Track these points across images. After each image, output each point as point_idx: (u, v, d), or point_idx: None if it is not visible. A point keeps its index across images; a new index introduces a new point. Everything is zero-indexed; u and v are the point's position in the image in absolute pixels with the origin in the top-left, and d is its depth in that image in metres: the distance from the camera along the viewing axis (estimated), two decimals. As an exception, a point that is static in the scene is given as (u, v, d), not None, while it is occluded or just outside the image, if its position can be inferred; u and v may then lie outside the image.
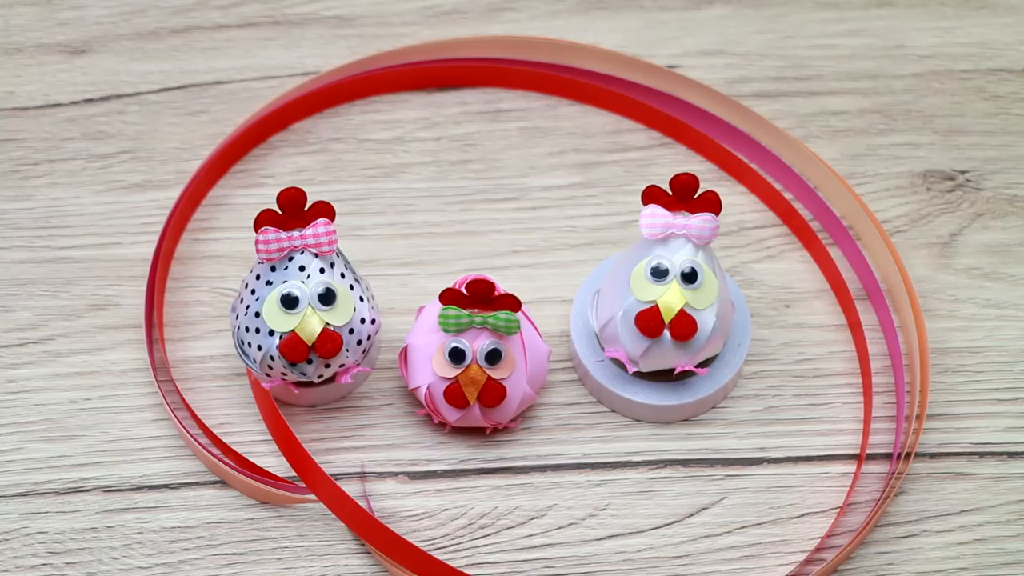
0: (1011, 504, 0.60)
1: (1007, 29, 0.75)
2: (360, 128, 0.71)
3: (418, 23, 0.75)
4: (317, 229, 0.58)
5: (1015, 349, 0.64)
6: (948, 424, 0.62)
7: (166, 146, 0.70)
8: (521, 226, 0.68)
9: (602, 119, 0.72)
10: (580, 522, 0.59)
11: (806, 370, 0.64)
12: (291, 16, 0.75)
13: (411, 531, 0.59)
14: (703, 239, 0.59)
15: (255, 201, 0.68)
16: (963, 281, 0.66)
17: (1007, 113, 0.72)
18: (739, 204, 0.69)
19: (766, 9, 0.76)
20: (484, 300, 0.58)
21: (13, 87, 0.72)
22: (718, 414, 0.62)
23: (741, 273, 0.66)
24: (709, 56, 0.74)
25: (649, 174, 0.69)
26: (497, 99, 0.72)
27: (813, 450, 0.61)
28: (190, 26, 0.75)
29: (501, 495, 0.60)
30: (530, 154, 0.70)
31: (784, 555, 0.59)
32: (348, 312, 0.58)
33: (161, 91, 0.72)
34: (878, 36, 0.75)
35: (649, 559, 0.59)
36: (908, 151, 0.71)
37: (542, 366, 0.60)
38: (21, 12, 0.75)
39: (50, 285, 0.65)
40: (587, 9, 0.76)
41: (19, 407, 0.62)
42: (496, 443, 0.61)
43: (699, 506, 0.60)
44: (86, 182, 0.69)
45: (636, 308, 0.59)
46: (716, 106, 0.71)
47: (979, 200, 0.69)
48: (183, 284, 0.66)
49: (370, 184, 0.69)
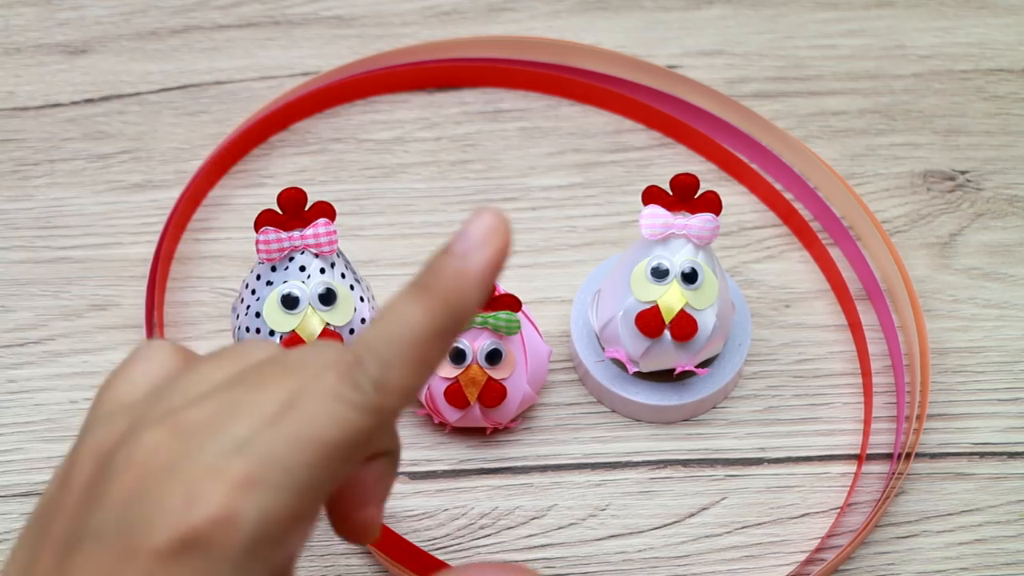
0: (1011, 504, 0.60)
1: (1007, 29, 0.75)
2: (360, 128, 0.71)
3: (418, 23, 0.75)
4: (317, 229, 0.58)
5: (1015, 349, 0.64)
6: (948, 424, 0.62)
7: (166, 146, 0.70)
8: (521, 226, 0.68)
9: (602, 119, 0.72)
10: (580, 522, 0.59)
11: (806, 370, 0.64)
12: (291, 16, 0.75)
13: (411, 531, 0.59)
14: (703, 239, 0.59)
15: (255, 201, 0.68)
16: (963, 281, 0.66)
17: (1007, 113, 0.72)
18: (739, 204, 0.69)
19: (766, 9, 0.76)
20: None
21: (13, 87, 0.72)
22: (718, 414, 0.62)
23: (741, 273, 0.66)
24: (709, 56, 0.74)
25: (649, 174, 0.69)
26: (497, 99, 0.72)
27: (813, 450, 0.61)
28: (190, 26, 0.75)
29: (501, 495, 0.60)
30: (530, 154, 0.70)
31: (784, 555, 0.59)
32: (348, 312, 0.58)
33: (161, 91, 0.72)
34: (878, 36, 0.75)
35: (649, 559, 0.59)
36: (908, 151, 0.71)
37: (542, 366, 0.60)
38: (21, 12, 0.75)
39: (50, 285, 0.65)
40: (587, 9, 0.76)
41: (19, 407, 0.62)
42: (496, 443, 0.61)
43: (699, 506, 0.60)
44: (86, 182, 0.69)
45: (636, 308, 0.59)
46: (716, 106, 0.71)
47: (979, 200, 0.69)
48: (183, 284, 0.66)
49: (370, 184, 0.69)
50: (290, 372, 0.36)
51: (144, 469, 0.34)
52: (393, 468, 0.39)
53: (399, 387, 0.35)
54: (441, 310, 0.35)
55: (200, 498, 0.33)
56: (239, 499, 0.33)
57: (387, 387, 0.35)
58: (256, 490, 0.34)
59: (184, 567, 0.33)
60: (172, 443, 0.34)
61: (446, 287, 0.36)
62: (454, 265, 0.36)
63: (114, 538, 0.34)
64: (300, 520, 0.35)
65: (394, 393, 0.35)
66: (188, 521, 0.33)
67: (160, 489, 0.34)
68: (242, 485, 0.33)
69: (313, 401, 0.35)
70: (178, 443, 0.34)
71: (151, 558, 0.33)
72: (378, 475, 0.38)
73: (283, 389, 0.35)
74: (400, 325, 0.35)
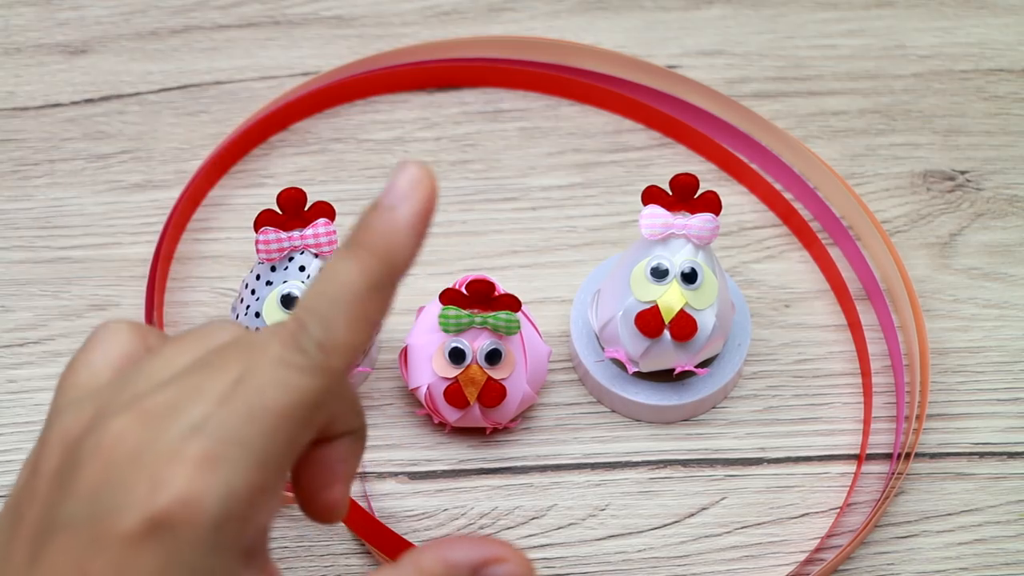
0: (1011, 504, 0.60)
1: (1007, 29, 0.75)
2: (360, 128, 0.71)
3: (418, 23, 0.75)
4: (317, 229, 0.58)
5: (1015, 349, 0.64)
6: (948, 424, 0.62)
7: (166, 146, 0.70)
8: (521, 226, 0.68)
9: (602, 119, 0.72)
10: (580, 522, 0.59)
11: (806, 370, 0.64)
12: (291, 16, 0.75)
13: (411, 531, 0.59)
14: (703, 239, 0.59)
15: (255, 201, 0.68)
16: (963, 281, 0.66)
17: (1007, 113, 0.72)
18: (739, 204, 0.69)
19: (766, 9, 0.76)
20: (484, 300, 0.58)
21: (13, 87, 0.72)
22: (718, 414, 0.62)
23: (741, 273, 0.66)
24: (709, 56, 0.74)
25: (649, 174, 0.69)
26: (497, 99, 0.72)
27: (813, 450, 0.61)
28: (190, 26, 0.75)
29: (501, 495, 0.60)
30: (530, 154, 0.70)
31: (784, 555, 0.59)
32: (348, 312, 0.58)
33: (161, 91, 0.72)
34: (878, 36, 0.75)
35: (649, 559, 0.59)
36: (908, 151, 0.71)
37: (542, 366, 0.60)
38: (21, 12, 0.75)
39: (50, 285, 0.65)
40: (587, 9, 0.76)
41: (19, 407, 0.62)
42: (496, 443, 0.61)
43: (699, 506, 0.60)
44: (86, 182, 0.69)
45: (636, 308, 0.59)
46: (716, 106, 0.71)
47: (979, 200, 0.69)
48: (183, 284, 0.66)
49: (370, 184, 0.69)
50: (244, 351, 0.36)
51: (111, 456, 0.35)
52: (358, 447, 0.39)
53: (343, 345, 0.36)
54: (375, 264, 0.36)
55: (164, 482, 0.34)
56: (201, 479, 0.34)
57: (330, 346, 0.36)
58: (216, 468, 0.34)
59: (154, 550, 0.34)
60: (137, 429, 0.35)
61: (378, 241, 0.36)
62: (383, 218, 0.37)
63: (84, 526, 0.34)
64: (265, 493, 0.35)
65: (338, 351, 0.36)
66: (153, 505, 0.34)
67: (127, 476, 0.34)
68: (202, 465, 0.34)
69: (260, 372, 0.35)
70: (143, 429, 0.35)
71: (121, 543, 0.34)
72: (342, 454, 0.38)
73: (236, 367, 0.35)
74: (337, 284, 0.36)
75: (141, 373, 0.37)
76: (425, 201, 0.37)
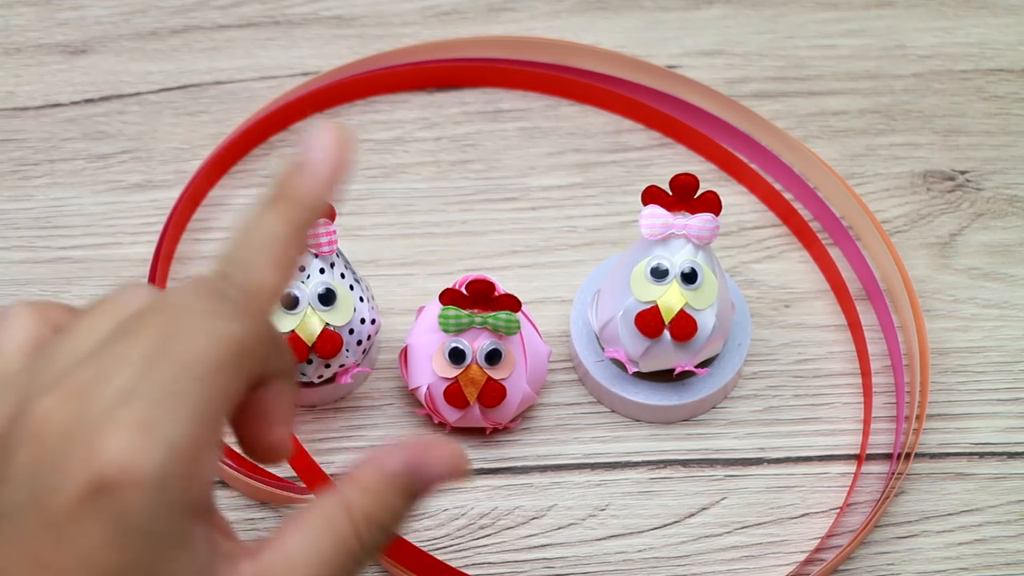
0: (1011, 504, 0.60)
1: (1007, 29, 0.75)
2: (360, 128, 0.71)
3: (418, 23, 0.75)
4: (317, 229, 0.58)
5: (1015, 349, 0.64)
6: (948, 424, 0.62)
7: (166, 146, 0.70)
8: (521, 226, 0.68)
9: (602, 119, 0.72)
10: (580, 522, 0.59)
11: (806, 370, 0.64)
12: (291, 16, 0.75)
13: (411, 531, 0.59)
14: (703, 239, 0.59)
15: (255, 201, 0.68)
16: (963, 281, 0.66)
17: (1007, 113, 0.72)
18: (739, 204, 0.69)
19: (766, 9, 0.76)
20: (484, 300, 0.58)
21: (13, 87, 0.72)
22: (718, 414, 0.62)
23: (741, 273, 0.66)
24: (709, 56, 0.74)
25: (649, 174, 0.69)
26: (497, 99, 0.72)
27: (813, 450, 0.61)
28: (190, 26, 0.75)
29: (501, 495, 0.60)
30: (530, 154, 0.70)
31: (784, 555, 0.59)
32: (348, 312, 0.58)
33: (161, 91, 0.72)
34: (878, 36, 0.75)
35: (649, 559, 0.59)
36: (908, 151, 0.71)
37: (542, 366, 0.60)
38: (21, 12, 0.75)
39: (50, 285, 0.65)
40: (587, 9, 0.76)
41: (19, 407, 0.62)
42: (496, 443, 0.61)
43: (699, 506, 0.60)
44: (86, 182, 0.69)
45: (636, 308, 0.59)
46: (716, 106, 0.71)
47: (979, 200, 0.69)
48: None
49: (370, 184, 0.69)
50: (164, 311, 0.36)
51: (42, 437, 0.34)
52: (290, 387, 0.39)
53: (268, 286, 0.37)
54: (293, 210, 0.38)
55: (99, 449, 0.33)
56: (140, 440, 0.33)
57: (253, 288, 0.37)
58: (153, 428, 0.34)
59: (99, 518, 0.33)
60: (65, 408, 0.34)
61: (295, 189, 0.38)
62: (300, 170, 0.38)
63: (27, 511, 0.34)
64: (206, 447, 0.35)
65: (264, 292, 0.37)
66: (90, 472, 0.33)
67: (61, 454, 0.34)
68: (140, 428, 0.33)
69: (186, 328, 0.35)
70: (71, 407, 0.34)
71: (66, 518, 0.33)
72: (277, 396, 0.38)
73: (159, 329, 0.35)
74: (256, 232, 0.37)
75: (59, 351, 0.36)
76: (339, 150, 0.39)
